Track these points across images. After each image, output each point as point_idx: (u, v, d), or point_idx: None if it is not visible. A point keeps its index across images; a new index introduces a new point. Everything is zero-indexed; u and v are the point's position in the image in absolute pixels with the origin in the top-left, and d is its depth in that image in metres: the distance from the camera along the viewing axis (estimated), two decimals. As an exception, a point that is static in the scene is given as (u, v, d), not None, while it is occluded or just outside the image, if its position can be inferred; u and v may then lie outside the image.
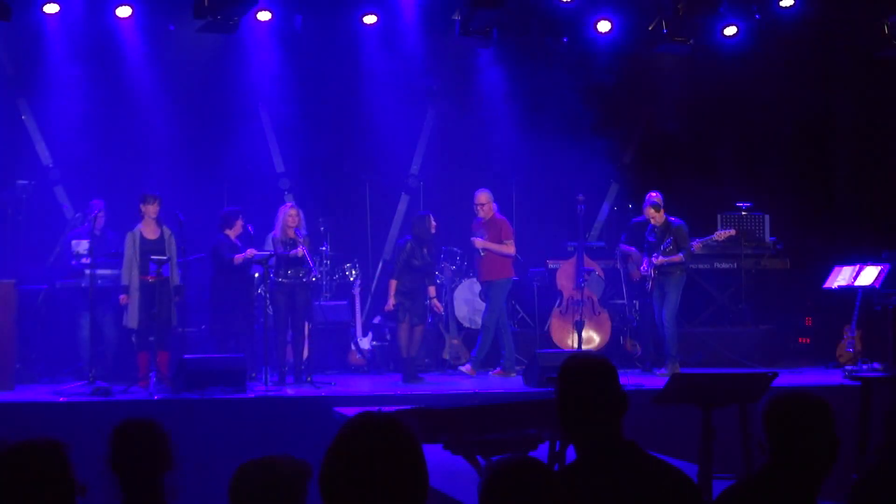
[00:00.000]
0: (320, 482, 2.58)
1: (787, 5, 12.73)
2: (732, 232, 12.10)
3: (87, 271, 10.39)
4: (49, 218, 12.40)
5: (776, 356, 12.29)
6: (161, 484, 4.02)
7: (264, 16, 12.28)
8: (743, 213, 12.93)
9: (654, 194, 11.52)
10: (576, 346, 11.75)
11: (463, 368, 11.47)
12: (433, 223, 11.13)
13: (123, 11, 12.01)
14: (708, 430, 6.39)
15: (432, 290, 11.24)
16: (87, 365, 10.38)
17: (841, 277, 11.79)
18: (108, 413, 8.96)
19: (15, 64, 12.54)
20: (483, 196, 11.50)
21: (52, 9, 11.78)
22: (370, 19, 12.78)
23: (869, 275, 11.55)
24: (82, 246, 10.69)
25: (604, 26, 12.95)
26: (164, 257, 10.23)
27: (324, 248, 12.28)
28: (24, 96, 12.73)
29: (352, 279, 12.52)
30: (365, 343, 12.10)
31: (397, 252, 11.25)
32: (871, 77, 13.43)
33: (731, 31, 13.02)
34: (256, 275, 11.24)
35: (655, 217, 11.41)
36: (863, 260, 11.75)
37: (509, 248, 11.41)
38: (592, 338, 12.20)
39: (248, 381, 9.78)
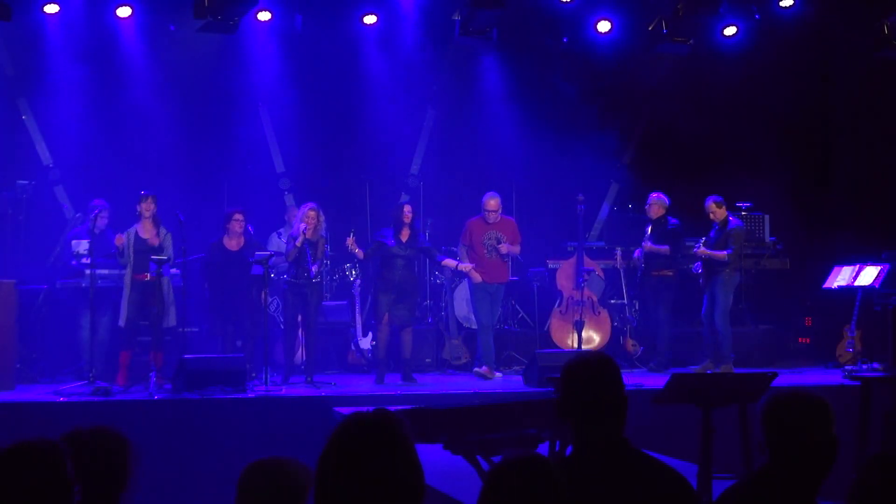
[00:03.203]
0: (315, 483, 2.59)
1: (787, 5, 12.74)
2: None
3: (87, 271, 10.38)
4: (49, 218, 12.39)
5: (776, 356, 12.29)
6: None
7: (264, 16, 12.28)
8: (743, 213, 12.91)
9: (714, 197, 11.50)
10: (576, 346, 11.76)
11: (481, 371, 11.21)
12: (407, 214, 10.93)
13: (123, 11, 12.01)
14: (708, 430, 6.39)
15: (451, 262, 11.13)
16: (87, 365, 10.37)
17: (841, 277, 11.79)
18: (108, 413, 8.99)
19: (15, 64, 12.53)
20: (496, 201, 11.38)
21: (52, 9, 11.79)
22: (370, 19, 12.79)
23: (869, 275, 11.55)
24: (82, 246, 10.67)
25: (604, 26, 12.95)
26: (164, 257, 10.22)
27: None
28: (24, 96, 12.72)
29: (352, 279, 12.51)
30: (365, 343, 12.09)
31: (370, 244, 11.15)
32: (871, 77, 13.42)
33: (730, 31, 13.02)
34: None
35: (716, 213, 11.47)
36: (863, 260, 11.74)
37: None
38: (592, 338, 12.21)
39: (248, 381, 9.78)
